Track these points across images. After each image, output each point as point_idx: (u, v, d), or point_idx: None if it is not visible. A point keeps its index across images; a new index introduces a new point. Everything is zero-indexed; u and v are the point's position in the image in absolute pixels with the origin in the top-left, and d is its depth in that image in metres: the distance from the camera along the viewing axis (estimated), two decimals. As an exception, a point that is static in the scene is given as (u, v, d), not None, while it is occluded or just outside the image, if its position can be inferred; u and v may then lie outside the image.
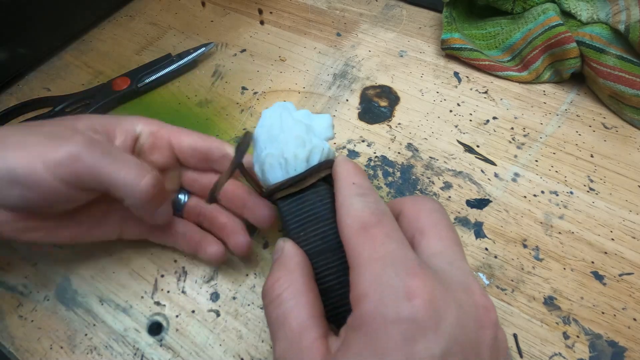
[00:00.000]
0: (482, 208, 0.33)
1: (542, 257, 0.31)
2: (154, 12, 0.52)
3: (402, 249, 0.19)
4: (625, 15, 0.35)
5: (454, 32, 0.42)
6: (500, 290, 0.29)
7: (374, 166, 0.36)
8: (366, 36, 0.47)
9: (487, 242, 0.31)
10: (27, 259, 0.32)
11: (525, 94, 0.40)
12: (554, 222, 0.32)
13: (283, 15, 0.50)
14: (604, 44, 0.36)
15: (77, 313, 0.30)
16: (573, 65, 0.38)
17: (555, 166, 0.35)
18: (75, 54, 0.47)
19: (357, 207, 0.20)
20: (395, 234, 0.19)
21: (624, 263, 0.30)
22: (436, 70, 0.43)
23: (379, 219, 0.19)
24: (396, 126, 0.39)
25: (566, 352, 0.27)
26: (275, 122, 0.25)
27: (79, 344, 0.29)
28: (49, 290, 0.31)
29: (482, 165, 0.36)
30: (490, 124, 0.38)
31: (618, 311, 0.28)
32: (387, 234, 0.19)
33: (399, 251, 0.18)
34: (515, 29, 0.41)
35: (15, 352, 0.29)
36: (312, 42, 0.47)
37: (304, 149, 0.23)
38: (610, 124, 0.37)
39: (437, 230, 0.21)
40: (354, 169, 0.22)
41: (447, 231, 0.21)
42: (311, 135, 0.24)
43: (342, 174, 0.22)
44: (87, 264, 0.32)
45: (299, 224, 0.23)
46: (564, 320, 0.28)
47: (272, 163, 0.24)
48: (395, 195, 0.34)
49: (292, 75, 0.44)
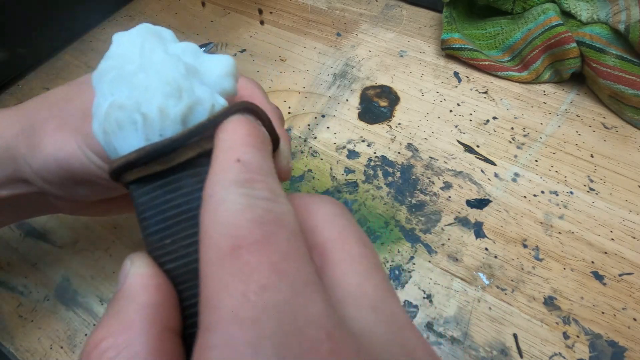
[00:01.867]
0: (482, 208, 0.33)
1: (542, 257, 0.31)
2: (154, 12, 0.52)
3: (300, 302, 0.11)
4: (625, 15, 0.35)
5: (454, 32, 0.42)
6: (500, 290, 0.29)
7: (374, 166, 0.36)
8: (366, 36, 0.47)
9: (487, 242, 0.31)
10: (27, 259, 0.32)
11: (525, 94, 0.40)
12: (554, 222, 0.32)
13: (283, 15, 0.50)
14: (604, 44, 0.36)
15: (77, 313, 0.30)
16: (573, 65, 0.38)
17: (555, 166, 0.35)
18: (75, 54, 0.47)
19: (231, 210, 0.12)
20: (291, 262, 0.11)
21: (624, 263, 0.30)
22: (436, 70, 0.43)
23: (266, 233, 0.11)
24: (396, 126, 0.39)
25: (566, 352, 0.27)
26: (132, 53, 0.15)
27: (79, 344, 0.29)
28: (49, 290, 0.31)
29: (482, 165, 0.36)
30: (490, 124, 0.38)
31: (618, 311, 0.28)
32: (274, 263, 0.11)
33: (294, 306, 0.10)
34: (515, 29, 0.41)
35: (15, 352, 0.29)
36: (312, 42, 0.47)
37: (179, 102, 0.14)
38: (610, 124, 0.37)
39: (345, 247, 0.13)
40: (246, 135, 0.14)
41: (359, 246, 0.14)
42: (195, 82, 0.15)
43: (224, 143, 0.13)
44: (87, 264, 0.32)
45: (163, 224, 0.14)
46: (564, 320, 0.28)
47: (121, 120, 0.14)
48: (395, 195, 0.34)
49: (292, 75, 0.44)
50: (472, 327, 0.28)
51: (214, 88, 0.16)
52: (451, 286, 0.30)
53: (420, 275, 0.30)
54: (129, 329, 0.12)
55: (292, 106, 0.41)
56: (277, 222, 0.12)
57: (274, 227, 0.12)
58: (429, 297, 0.29)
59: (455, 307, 0.29)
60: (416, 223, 0.33)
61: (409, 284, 0.30)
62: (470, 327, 0.28)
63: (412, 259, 0.31)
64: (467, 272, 0.30)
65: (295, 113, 0.40)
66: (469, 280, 0.30)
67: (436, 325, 0.28)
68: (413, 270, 0.31)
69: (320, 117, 0.40)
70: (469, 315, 0.28)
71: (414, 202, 0.34)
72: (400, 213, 0.33)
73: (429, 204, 0.34)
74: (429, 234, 0.32)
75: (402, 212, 0.33)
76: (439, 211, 0.33)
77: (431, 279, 0.30)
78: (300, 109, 0.41)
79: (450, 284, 0.30)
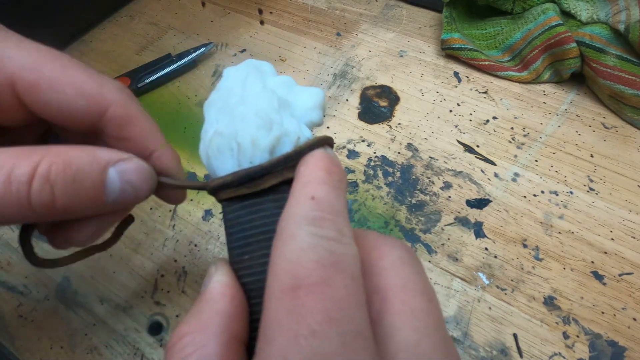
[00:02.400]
0: (482, 208, 0.33)
1: (542, 257, 0.31)
2: (154, 12, 0.52)
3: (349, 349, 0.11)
4: (625, 15, 0.35)
5: (454, 32, 0.42)
6: (500, 290, 0.29)
7: (374, 166, 0.36)
8: (366, 36, 0.47)
9: (487, 242, 0.31)
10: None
11: (525, 94, 0.40)
12: (553, 222, 0.32)
13: (283, 15, 0.50)
14: (604, 44, 0.36)
15: (77, 313, 0.30)
16: (573, 65, 0.38)
17: (555, 166, 0.35)
18: (75, 54, 0.47)
19: (298, 248, 0.12)
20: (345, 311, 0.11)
21: (624, 263, 0.30)
22: (436, 70, 0.43)
23: (325, 276, 0.12)
24: (396, 126, 0.39)
25: (566, 352, 0.27)
26: (236, 86, 0.17)
27: (79, 344, 0.29)
28: (49, 290, 0.31)
29: (482, 165, 0.36)
30: (490, 124, 0.38)
31: (618, 311, 0.28)
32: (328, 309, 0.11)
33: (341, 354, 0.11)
34: (515, 29, 0.41)
35: (15, 352, 0.29)
36: (312, 42, 0.47)
37: (269, 134, 0.16)
38: (610, 124, 0.37)
39: (408, 298, 0.13)
40: (324, 172, 0.14)
41: (422, 300, 0.13)
42: (286, 114, 0.17)
43: (303, 178, 0.14)
44: (87, 264, 0.32)
45: (244, 241, 0.16)
46: (564, 320, 0.28)
47: (221, 146, 0.16)
48: (395, 195, 0.34)
49: (292, 75, 0.44)
50: (472, 327, 0.28)
51: (303, 119, 0.17)
52: (451, 286, 0.30)
53: (420, 275, 0.30)
54: (205, 330, 0.13)
55: (292, 106, 0.41)
56: (338, 265, 0.12)
57: (333, 271, 0.12)
58: (429, 297, 0.29)
59: (455, 307, 0.29)
60: (416, 223, 0.33)
61: (409, 283, 0.30)
62: (470, 327, 0.28)
63: (412, 259, 0.31)
64: (467, 272, 0.30)
65: (295, 113, 0.40)
66: (469, 280, 0.30)
67: (436, 325, 0.28)
68: (413, 270, 0.31)
69: (320, 117, 0.40)
70: (468, 315, 0.29)
71: (414, 202, 0.34)
72: (400, 213, 0.33)
73: (429, 204, 0.34)
74: (428, 233, 0.32)
75: (402, 212, 0.33)
76: (438, 211, 0.33)
77: (431, 278, 0.30)
78: (300, 109, 0.41)
79: (450, 283, 0.30)
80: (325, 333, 0.11)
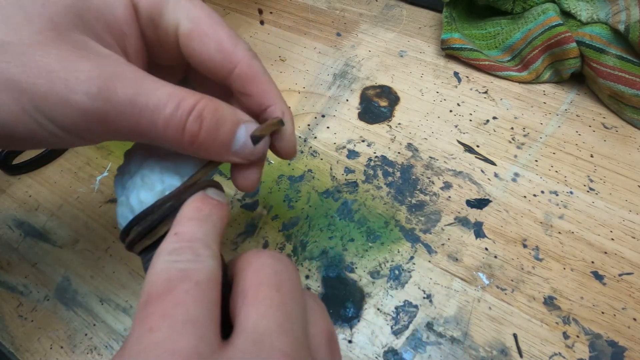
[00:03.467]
0: (482, 208, 0.33)
1: (542, 257, 0.31)
2: (154, 12, 0.52)
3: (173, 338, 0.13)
4: (625, 15, 0.35)
5: (454, 32, 0.42)
6: (500, 290, 0.29)
7: (374, 166, 0.36)
8: (366, 36, 0.47)
9: (487, 242, 0.31)
10: (27, 259, 0.32)
11: (525, 94, 0.40)
12: (553, 222, 0.32)
13: (283, 15, 0.50)
14: (604, 44, 0.36)
15: (77, 313, 0.30)
16: (573, 65, 0.38)
17: (555, 166, 0.35)
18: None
19: (153, 273, 0.15)
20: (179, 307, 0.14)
21: (624, 263, 0.30)
22: (436, 70, 0.43)
23: (169, 287, 0.14)
24: (396, 126, 0.39)
25: (566, 352, 0.27)
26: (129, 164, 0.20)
27: (79, 344, 0.29)
28: (49, 290, 0.31)
29: (482, 165, 0.36)
30: (490, 124, 0.38)
31: (618, 311, 0.28)
32: (164, 313, 0.14)
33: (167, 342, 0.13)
34: (515, 29, 0.41)
35: (15, 352, 0.29)
36: (312, 42, 0.47)
37: (152, 192, 0.19)
38: (610, 124, 0.37)
39: (258, 291, 0.16)
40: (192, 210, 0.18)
41: (270, 291, 0.16)
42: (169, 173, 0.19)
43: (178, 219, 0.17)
44: (87, 264, 0.32)
45: None
46: (564, 320, 0.28)
47: (124, 213, 0.19)
48: (395, 195, 0.34)
49: (292, 75, 0.44)
50: (472, 327, 0.28)
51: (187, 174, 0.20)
52: (451, 286, 0.30)
53: (420, 275, 0.30)
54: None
55: (292, 106, 0.41)
56: (184, 277, 0.15)
57: (178, 282, 0.14)
58: (429, 297, 0.29)
59: (455, 307, 0.29)
60: (416, 223, 0.33)
61: (409, 284, 0.30)
62: (470, 327, 0.28)
63: (412, 259, 0.31)
64: (467, 272, 0.30)
65: (295, 113, 0.40)
66: (469, 280, 0.30)
67: (436, 325, 0.28)
68: (413, 270, 0.31)
69: (320, 117, 0.40)
70: (469, 315, 0.29)
71: (414, 202, 0.34)
72: (400, 213, 0.33)
73: (429, 204, 0.34)
74: (428, 234, 0.32)
75: (402, 212, 0.33)
76: (438, 211, 0.33)
77: (431, 278, 0.30)
78: (300, 109, 0.41)
79: (450, 283, 0.30)
80: (158, 327, 0.13)
